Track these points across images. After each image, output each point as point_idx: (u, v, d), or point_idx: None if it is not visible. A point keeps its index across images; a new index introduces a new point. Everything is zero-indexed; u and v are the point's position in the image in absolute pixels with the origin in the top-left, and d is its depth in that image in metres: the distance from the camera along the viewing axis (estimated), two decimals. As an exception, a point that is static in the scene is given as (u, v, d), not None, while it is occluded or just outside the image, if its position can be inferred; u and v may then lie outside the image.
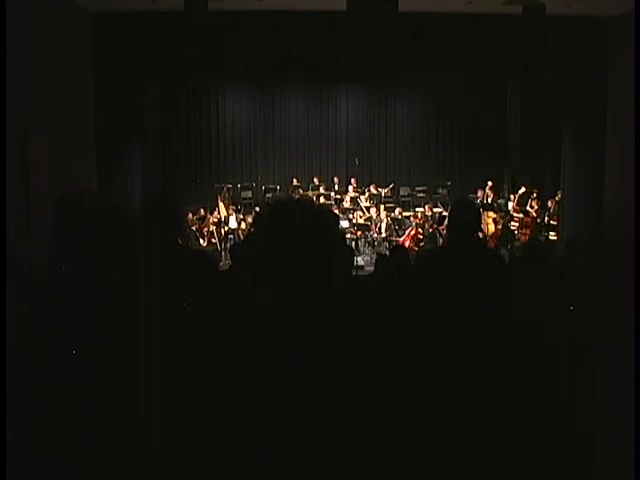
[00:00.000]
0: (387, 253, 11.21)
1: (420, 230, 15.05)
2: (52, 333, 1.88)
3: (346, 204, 17.47)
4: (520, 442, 1.38)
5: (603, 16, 13.45)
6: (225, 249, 15.20)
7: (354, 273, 9.28)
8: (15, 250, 2.41)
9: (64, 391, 1.83)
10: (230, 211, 17.00)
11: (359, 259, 13.20)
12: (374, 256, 14.31)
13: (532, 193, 16.78)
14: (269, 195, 18.94)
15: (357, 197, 17.86)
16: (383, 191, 18.55)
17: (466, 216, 4.51)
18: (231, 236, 15.75)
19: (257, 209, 17.36)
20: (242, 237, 15.32)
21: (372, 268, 12.35)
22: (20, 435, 1.84)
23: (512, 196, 17.62)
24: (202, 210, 16.45)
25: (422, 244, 14.63)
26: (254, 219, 1.87)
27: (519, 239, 14.80)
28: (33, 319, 1.93)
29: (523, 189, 17.22)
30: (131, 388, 1.84)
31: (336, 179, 19.43)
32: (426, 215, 15.98)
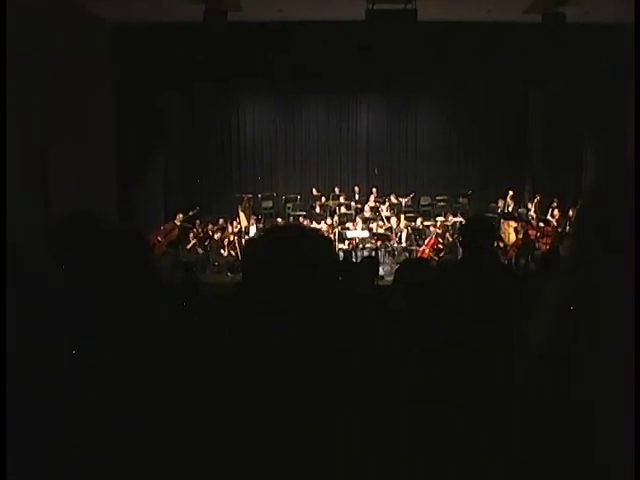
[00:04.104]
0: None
1: (440, 240, 14.99)
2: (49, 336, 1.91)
3: (367, 214, 17.44)
4: (524, 446, 1.37)
5: (623, 23, 13.37)
6: (246, 259, 15.19)
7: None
8: (30, 260, 2.44)
9: (62, 392, 1.85)
10: (251, 221, 17.03)
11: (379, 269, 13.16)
12: (394, 266, 14.28)
13: (553, 202, 16.67)
14: (289, 205, 18.97)
15: (378, 207, 17.81)
16: (403, 200, 18.50)
17: (479, 230, 4.52)
18: (252, 246, 15.72)
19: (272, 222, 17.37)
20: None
21: (392, 278, 12.37)
22: (19, 437, 1.85)
23: (531, 205, 17.52)
24: (222, 220, 16.49)
25: (442, 254, 14.56)
26: (244, 248, 1.92)
27: (539, 248, 14.70)
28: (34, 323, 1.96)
29: (538, 198, 17.14)
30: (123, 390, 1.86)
31: (357, 189, 19.41)
32: (446, 224, 15.91)
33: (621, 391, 1.25)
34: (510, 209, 17.33)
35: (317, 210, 18.06)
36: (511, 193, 17.78)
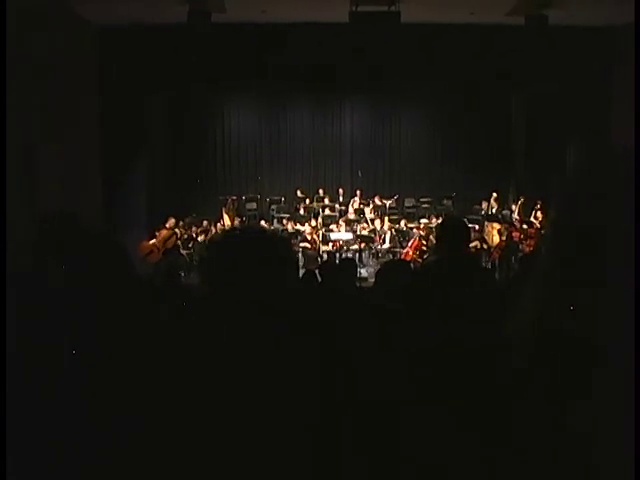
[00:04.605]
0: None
1: (424, 241, 15.01)
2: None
3: (351, 215, 17.45)
4: (517, 444, 1.37)
5: (606, 26, 13.47)
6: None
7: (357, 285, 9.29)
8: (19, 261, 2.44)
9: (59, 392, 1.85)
10: (235, 223, 16.99)
11: (362, 271, 13.18)
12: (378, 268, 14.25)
13: (536, 204, 16.75)
14: (274, 207, 18.96)
15: (362, 209, 17.83)
16: (387, 202, 18.54)
17: (453, 232, 4.55)
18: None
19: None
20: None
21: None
22: (19, 437, 1.85)
23: (514, 207, 17.60)
24: (206, 222, 16.43)
25: (425, 256, 14.59)
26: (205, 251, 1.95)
27: (523, 250, 14.76)
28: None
29: (522, 200, 17.21)
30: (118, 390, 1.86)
31: (341, 190, 19.43)
32: (430, 227, 15.93)
33: (609, 390, 1.26)
34: (494, 211, 17.42)
35: (301, 212, 18.06)
36: (495, 195, 17.86)
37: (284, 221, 17.26)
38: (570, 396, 1.31)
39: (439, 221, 16.44)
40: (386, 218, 16.98)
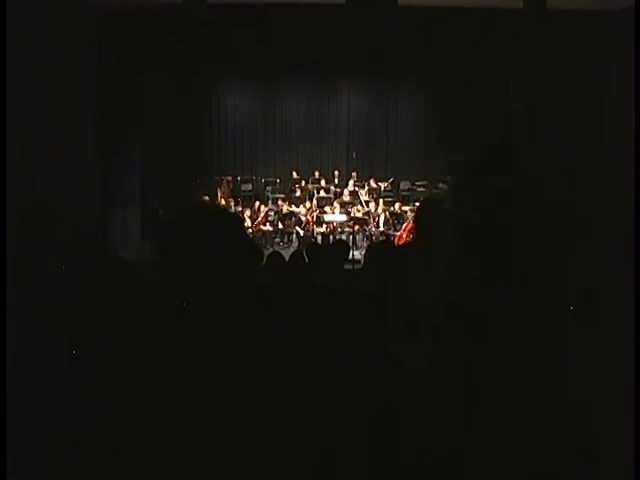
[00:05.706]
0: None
1: (417, 224, 14.99)
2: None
3: (346, 198, 17.43)
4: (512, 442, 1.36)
5: (605, 10, 13.40)
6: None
7: (351, 267, 9.30)
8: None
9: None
10: (230, 204, 16.98)
11: (356, 253, 13.15)
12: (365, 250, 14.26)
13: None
14: (269, 188, 18.95)
15: (357, 191, 17.81)
16: (383, 185, 18.52)
17: (432, 215, 4.51)
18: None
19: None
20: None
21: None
22: (19, 437, 1.85)
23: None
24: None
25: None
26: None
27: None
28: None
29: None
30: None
31: (336, 172, 19.41)
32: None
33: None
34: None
35: (297, 194, 18.03)
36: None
37: (279, 202, 17.26)
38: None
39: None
40: (381, 201, 16.97)
